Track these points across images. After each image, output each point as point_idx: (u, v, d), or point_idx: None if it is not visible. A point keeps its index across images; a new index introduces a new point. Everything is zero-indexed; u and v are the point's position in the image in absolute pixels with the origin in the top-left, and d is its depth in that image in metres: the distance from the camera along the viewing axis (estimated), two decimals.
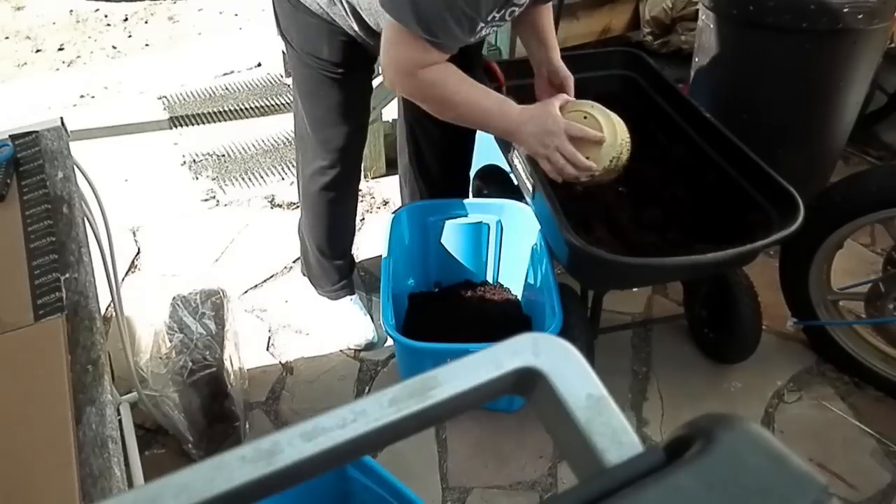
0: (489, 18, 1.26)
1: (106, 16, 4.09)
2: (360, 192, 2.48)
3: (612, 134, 1.33)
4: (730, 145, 1.65)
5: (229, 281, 2.04)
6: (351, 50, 1.48)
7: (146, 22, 4.02)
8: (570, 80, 1.58)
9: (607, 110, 1.37)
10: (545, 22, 1.56)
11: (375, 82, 1.80)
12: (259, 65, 3.38)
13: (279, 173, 2.63)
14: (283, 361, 1.88)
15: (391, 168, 2.52)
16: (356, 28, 1.42)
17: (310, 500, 1.15)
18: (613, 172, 1.39)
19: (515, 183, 1.86)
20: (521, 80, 1.80)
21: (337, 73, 1.51)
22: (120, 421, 1.39)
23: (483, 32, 1.33)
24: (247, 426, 1.68)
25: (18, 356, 0.82)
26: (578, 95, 1.54)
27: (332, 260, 1.88)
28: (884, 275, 1.68)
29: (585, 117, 1.34)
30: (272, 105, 3.07)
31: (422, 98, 1.35)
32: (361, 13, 1.38)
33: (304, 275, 2.05)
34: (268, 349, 1.92)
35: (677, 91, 1.85)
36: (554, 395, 0.30)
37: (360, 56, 1.51)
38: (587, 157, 1.32)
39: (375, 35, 1.40)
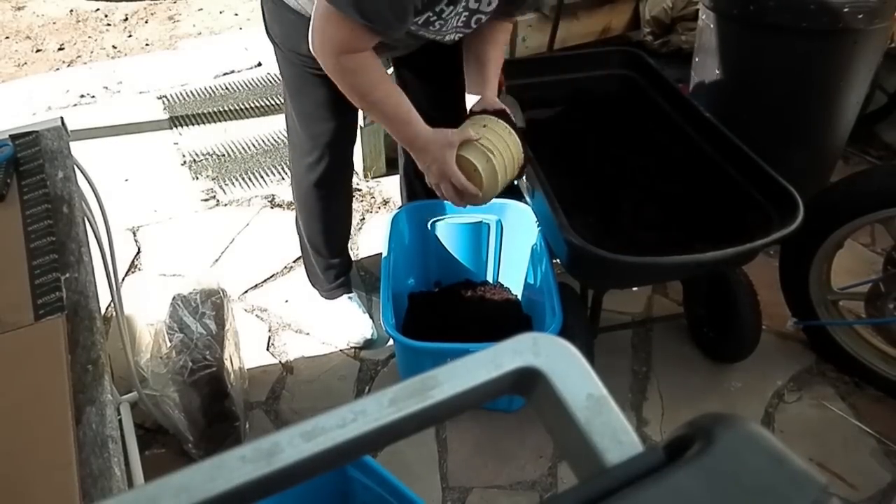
0: (437, 9, 1.23)
1: (106, 16, 4.09)
2: (359, 192, 2.49)
3: (492, 177, 1.35)
4: (730, 145, 1.65)
5: (229, 281, 2.04)
6: None
7: (146, 22, 4.02)
8: (508, 102, 1.57)
9: (492, 145, 1.36)
10: (492, 49, 1.49)
11: None
12: (259, 65, 3.38)
13: (279, 173, 2.63)
14: (283, 361, 1.88)
15: (391, 168, 2.52)
16: None
17: (310, 500, 1.15)
18: (503, 188, 1.42)
19: (515, 183, 1.86)
20: (520, 80, 1.81)
21: (320, 69, 1.51)
22: (120, 421, 1.39)
23: (439, 29, 1.31)
24: (247, 426, 1.68)
25: (18, 356, 0.82)
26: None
27: (328, 258, 1.88)
28: (884, 275, 1.68)
29: (475, 170, 1.35)
30: (272, 105, 3.07)
31: (339, 82, 1.33)
32: None
33: (306, 273, 2.06)
34: (268, 349, 1.92)
35: (677, 91, 1.85)
36: (554, 394, 0.30)
37: None
38: (475, 183, 1.36)
39: None
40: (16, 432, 0.73)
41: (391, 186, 2.45)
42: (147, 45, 3.74)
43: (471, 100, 1.50)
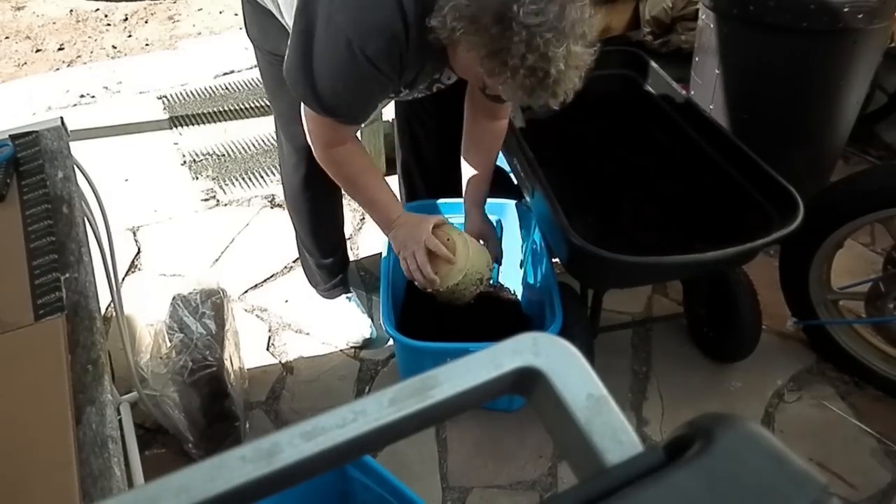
0: (400, 95, 1.37)
1: (106, 16, 4.09)
2: None
3: (463, 261, 1.45)
4: (730, 145, 1.65)
5: (229, 281, 2.04)
6: None
7: (146, 22, 4.02)
8: (491, 230, 1.68)
9: (474, 245, 1.49)
10: (482, 147, 1.61)
11: None
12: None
13: (279, 173, 2.63)
14: (283, 361, 1.88)
15: (391, 168, 2.52)
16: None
17: (310, 500, 1.15)
18: (459, 295, 1.51)
19: (515, 183, 1.86)
20: None
21: None
22: (120, 421, 1.39)
23: (403, 98, 1.46)
24: (247, 426, 1.68)
25: (18, 356, 0.82)
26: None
27: (319, 258, 1.88)
28: (884, 274, 1.68)
29: (448, 239, 1.46)
30: None
31: (329, 170, 1.44)
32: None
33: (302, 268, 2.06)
34: (268, 349, 1.92)
35: (677, 91, 1.85)
36: (554, 394, 0.30)
37: None
38: (436, 272, 1.45)
39: None
40: (16, 432, 0.73)
41: (391, 186, 2.45)
42: (147, 45, 3.74)
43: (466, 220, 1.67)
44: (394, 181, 2.23)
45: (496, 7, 1.03)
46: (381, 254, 1.76)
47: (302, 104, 1.33)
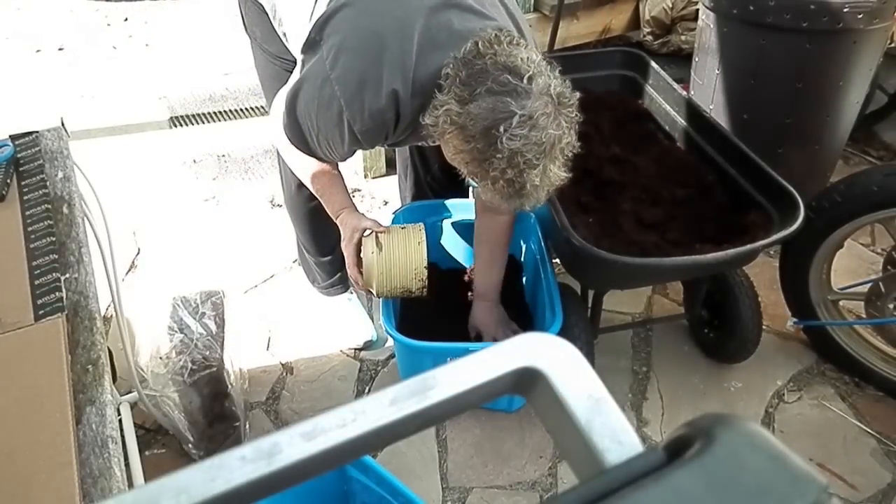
0: (379, 145, 1.40)
1: (106, 16, 4.09)
2: (359, 192, 2.49)
3: (371, 277, 1.44)
4: (730, 145, 1.65)
5: (229, 281, 2.04)
6: None
7: (146, 22, 4.02)
8: (500, 319, 1.72)
9: (401, 261, 1.45)
10: (499, 253, 1.66)
11: None
12: None
13: (279, 173, 2.63)
14: (283, 361, 1.88)
15: (391, 168, 2.52)
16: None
17: (310, 500, 1.15)
18: (395, 295, 1.50)
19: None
20: None
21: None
22: (120, 421, 1.39)
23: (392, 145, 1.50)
24: (247, 426, 1.68)
25: (18, 356, 0.82)
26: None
27: (317, 257, 1.88)
28: (884, 275, 1.68)
29: (372, 252, 1.44)
30: None
31: (285, 156, 1.46)
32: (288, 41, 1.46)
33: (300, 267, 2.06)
34: (268, 349, 1.92)
35: (677, 91, 1.85)
36: (554, 395, 0.30)
37: None
38: (361, 272, 1.46)
39: None
40: (16, 432, 0.73)
41: (391, 186, 2.45)
42: (147, 45, 3.74)
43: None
44: (394, 181, 2.23)
45: (485, 123, 1.08)
46: None
47: (278, 98, 1.36)
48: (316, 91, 1.24)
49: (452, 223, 1.89)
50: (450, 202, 1.89)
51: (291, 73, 1.52)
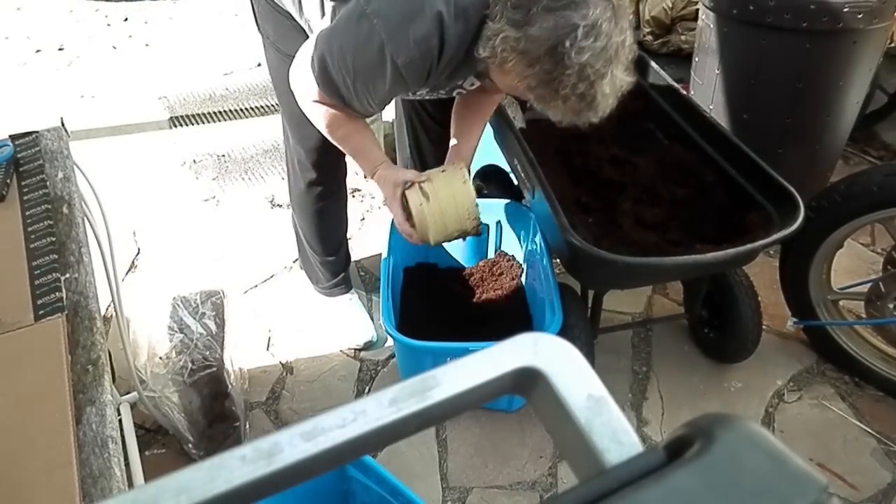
0: (413, 94, 1.36)
1: (106, 16, 4.09)
2: (359, 192, 2.49)
3: (425, 226, 1.41)
4: (730, 145, 1.65)
5: (229, 281, 2.04)
6: None
7: (146, 22, 4.02)
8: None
9: (449, 202, 1.42)
10: (478, 120, 1.60)
11: None
12: (259, 65, 3.38)
13: (279, 173, 2.63)
14: (283, 361, 1.88)
15: None
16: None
17: (310, 500, 1.15)
18: (451, 240, 1.49)
19: (515, 183, 1.86)
20: None
21: None
22: (120, 421, 1.39)
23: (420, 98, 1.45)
24: (247, 426, 1.68)
25: (18, 356, 0.82)
26: None
27: (323, 256, 1.88)
28: (884, 275, 1.68)
29: (420, 204, 1.41)
30: (272, 105, 3.07)
31: (313, 119, 1.40)
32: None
33: (301, 269, 2.06)
34: (268, 349, 1.92)
35: (677, 91, 1.85)
36: (554, 395, 0.30)
37: None
38: (412, 225, 1.44)
39: None
40: (16, 432, 0.73)
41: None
42: (147, 45, 3.74)
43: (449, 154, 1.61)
44: None
45: (549, 43, 1.06)
46: (380, 254, 1.76)
47: (301, 50, 1.30)
48: (352, 30, 1.18)
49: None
50: None
51: None
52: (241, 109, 3.06)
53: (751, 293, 1.70)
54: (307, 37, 1.46)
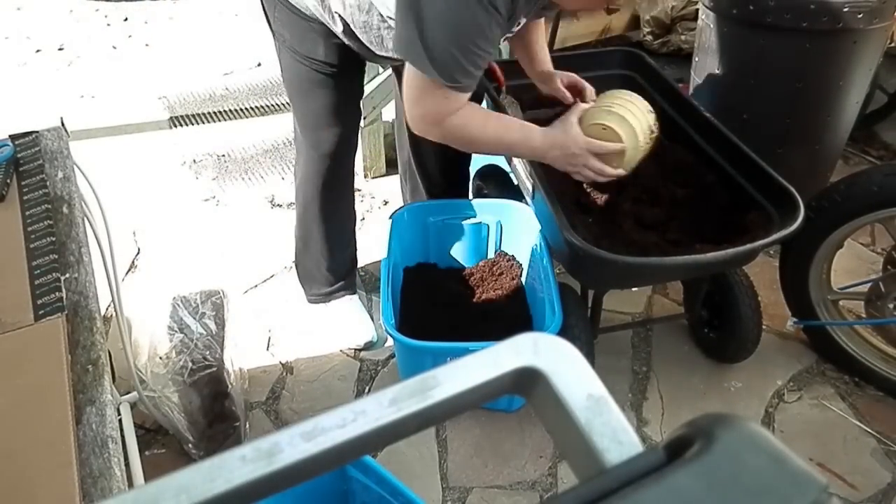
0: (502, 40, 1.33)
1: (106, 16, 4.09)
2: (359, 192, 2.49)
3: (632, 138, 1.40)
4: (730, 145, 1.65)
5: (229, 281, 2.04)
6: (345, 51, 1.49)
7: (146, 22, 4.02)
8: (576, 78, 1.67)
9: (624, 110, 1.41)
10: (534, 38, 1.65)
11: (369, 87, 1.81)
12: (259, 65, 3.39)
13: (279, 173, 2.63)
14: (283, 361, 1.88)
15: (391, 168, 2.52)
16: (345, 39, 1.46)
17: (310, 500, 1.15)
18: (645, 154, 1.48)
19: (515, 183, 1.86)
20: (520, 80, 1.81)
21: (330, 72, 1.52)
22: (120, 421, 1.38)
23: None
24: (247, 426, 1.68)
25: (18, 356, 0.82)
26: None
27: (328, 259, 1.87)
28: (884, 275, 1.68)
29: (604, 129, 1.40)
30: (272, 105, 3.08)
31: (451, 140, 1.39)
32: (355, 30, 1.41)
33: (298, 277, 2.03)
34: (268, 349, 1.92)
35: (677, 91, 1.85)
36: (554, 394, 0.30)
37: (353, 57, 1.52)
38: (614, 165, 1.42)
39: (364, 47, 1.45)
40: (16, 432, 0.73)
41: (391, 186, 2.45)
42: (147, 45, 3.74)
43: (550, 86, 1.67)
44: (394, 181, 2.23)
45: None
46: (380, 255, 1.75)
47: (414, 82, 1.28)
48: (427, 4, 1.17)
49: (452, 223, 1.89)
50: (450, 202, 1.89)
51: (321, 73, 1.52)
52: (241, 109, 3.06)
53: (751, 293, 1.70)
54: (324, 37, 1.46)
